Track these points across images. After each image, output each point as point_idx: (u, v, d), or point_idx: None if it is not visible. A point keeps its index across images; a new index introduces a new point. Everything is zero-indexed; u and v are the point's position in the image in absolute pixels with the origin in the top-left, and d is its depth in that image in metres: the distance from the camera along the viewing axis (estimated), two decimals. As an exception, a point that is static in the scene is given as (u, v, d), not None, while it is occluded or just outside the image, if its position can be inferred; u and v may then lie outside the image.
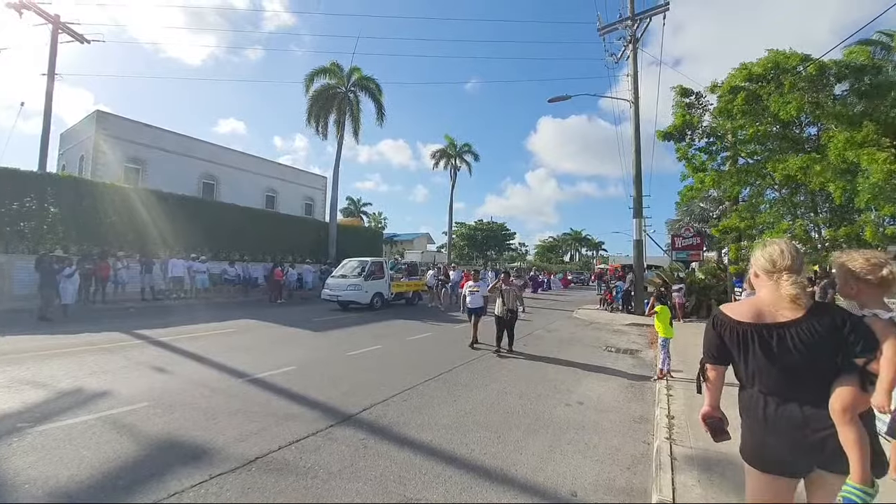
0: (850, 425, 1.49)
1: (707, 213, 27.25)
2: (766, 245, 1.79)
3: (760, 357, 1.64)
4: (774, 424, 1.64)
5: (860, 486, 1.46)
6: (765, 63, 11.25)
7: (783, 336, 1.60)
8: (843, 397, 1.52)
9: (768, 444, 1.67)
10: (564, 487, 3.12)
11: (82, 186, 14.62)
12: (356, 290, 13.81)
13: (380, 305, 14.48)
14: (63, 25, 16.05)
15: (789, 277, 1.63)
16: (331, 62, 22.27)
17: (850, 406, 1.50)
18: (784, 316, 1.63)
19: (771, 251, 1.73)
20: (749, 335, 1.67)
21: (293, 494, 2.84)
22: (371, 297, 14.10)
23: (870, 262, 1.64)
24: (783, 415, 1.62)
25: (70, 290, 10.56)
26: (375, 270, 14.70)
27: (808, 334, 1.56)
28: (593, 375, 6.52)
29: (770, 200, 13.12)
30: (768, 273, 1.72)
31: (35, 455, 3.23)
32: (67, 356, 6.32)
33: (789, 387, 1.62)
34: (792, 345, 1.58)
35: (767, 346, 1.62)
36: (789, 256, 1.67)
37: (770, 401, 1.65)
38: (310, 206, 32.72)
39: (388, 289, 15.04)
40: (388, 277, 15.12)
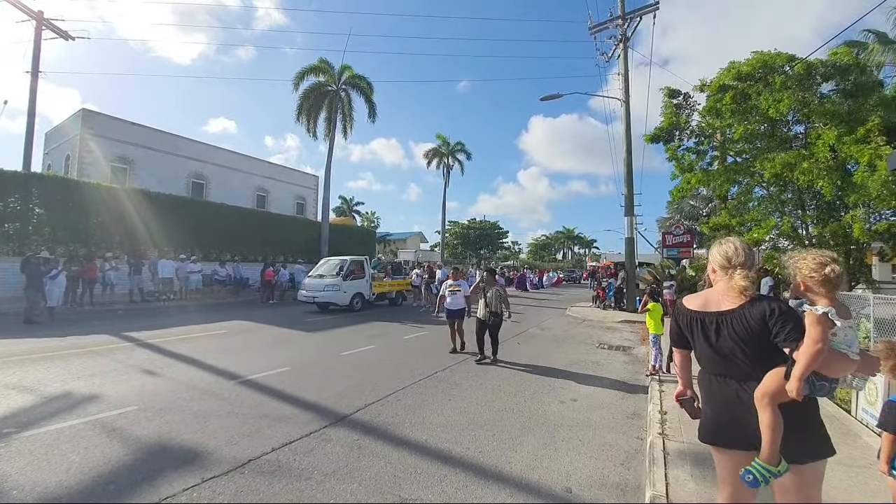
0: (765, 409, 1.65)
1: (697, 211, 27.58)
2: (721, 243, 1.95)
3: (702, 341, 1.87)
4: (716, 398, 1.86)
5: (763, 464, 1.62)
6: (753, 62, 11.40)
7: (720, 323, 1.81)
8: (765, 382, 1.68)
9: (713, 419, 1.88)
10: (559, 484, 3.13)
11: (68, 186, 14.34)
12: (334, 291, 13.11)
13: (360, 307, 13.80)
14: (47, 21, 15.73)
15: (741, 272, 1.80)
16: (319, 59, 22.06)
17: (768, 391, 1.66)
18: (724, 306, 1.82)
19: (726, 249, 1.90)
20: (695, 321, 1.91)
21: (287, 497, 2.82)
22: (350, 298, 13.41)
23: (815, 260, 1.73)
24: (723, 390, 1.83)
25: (56, 292, 10.37)
26: (355, 270, 14.02)
27: (741, 322, 1.74)
28: (587, 372, 6.56)
29: (758, 198, 13.31)
30: (724, 269, 1.89)
31: (23, 461, 3.16)
32: (54, 359, 6.21)
33: (727, 368, 1.82)
34: (727, 332, 1.78)
35: (706, 332, 1.85)
36: (742, 253, 1.85)
37: (714, 379, 1.87)
38: (301, 205, 32.50)
39: (370, 289, 14.35)
40: (370, 277, 14.44)
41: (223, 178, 26.36)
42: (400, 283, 16.54)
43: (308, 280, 14.05)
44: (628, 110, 15.60)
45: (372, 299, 14.54)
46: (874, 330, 4.92)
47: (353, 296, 13.54)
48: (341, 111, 22.59)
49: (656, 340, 6.31)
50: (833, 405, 4.62)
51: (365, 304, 14.09)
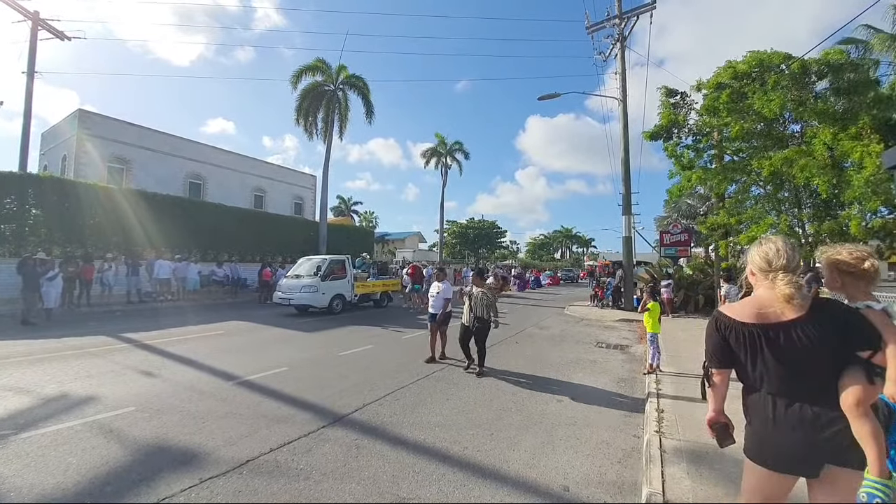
0: (863, 419, 1.48)
1: (694, 210, 27.62)
2: (761, 243, 1.78)
3: (769, 358, 1.62)
4: (785, 424, 1.62)
5: (881, 481, 1.45)
6: (749, 61, 11.45)
7: (790, 335, 1.59)
8: (854, 391, 1.51)
9: (779, 444, 1.64)
10: (556, 482, 3.14)
11: (65, 187, 14.28)
12: (311, 293, 12.30)
13: (340, 309, 13.02)
14: (42, 22, 15.66)
15: (784, 277, 1.63)
16: (316, 59, 22.00)
17: (861, 400, 1.50)
18: (788, 315, 1.61)
19: (766, 250, 1.72)
20: (756, 336, 1.65)
21: (285, 497, 2.82)
22: (330, 300, 12.63)
23: (853, 255, 1.69)
24: (793, 414, 1.60)
25: (53, 293, 10.34)
26: (335, 270, 13.22)
27: (815, 332, 1.56)
28: (585, 371, 6.58)
29: (755, 196, 13.36)
30: (764, 272, 1.72)
31: (19, 463, 3.16)
32: (51, 361, 6.19)
33: (798, 385, 1.61)
34: (800, 344, 1.57)
35: (776, 347, 1.61)
36: (785, 255, 1.67)
37: (779, 401, 1.64)
38: (299, 205, 32.42)
39: (351, 290, 13.61)
40: (351, 277, 13.69)
41: (220, 179, 26.29)
42: (386, 283, 15.78)
43: (285, 281, 13.28)
44: (626, 109, 15.62)
45: (354, 301, 13.82)
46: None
47: (333, 297, 12.80)
48: (338, 111, 22.56)
49: (654, 339, 6.32)
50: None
51: (346, 305, 13.36)
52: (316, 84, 22.17)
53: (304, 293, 12.32)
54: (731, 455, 2.93)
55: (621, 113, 15.66)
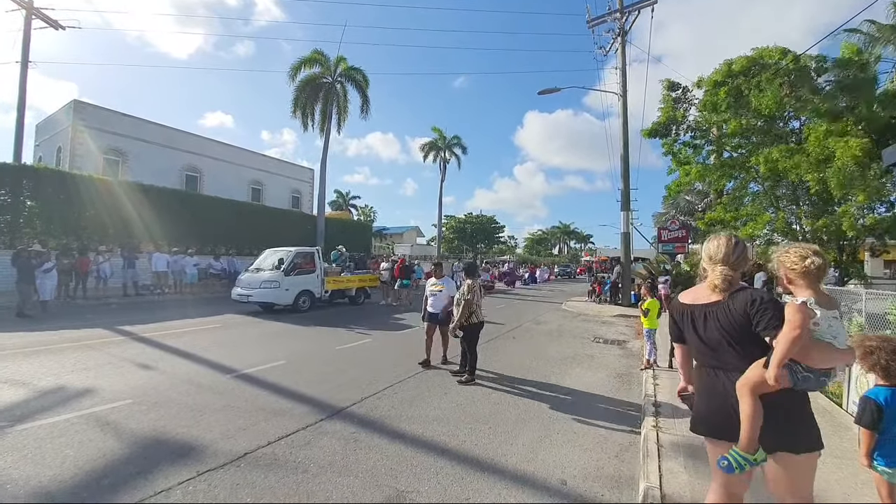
0: (744, 397, 1.70)
1: (692, 206, 27.66)
2: (710, 239, 2.02)
3: (692, 334, 1.96)
4: (708, 390, 1.90)
5: (741, 451, 1.68)
6: (746, 59, 11.42)
7: (707, 315, 1.88)
8: (747, 373, 1.73)
9: (704, 410, 1.93)
10: (554, 476, 3.16)
11: (60, 178, 14.15)
12: (272, 289, 11.02)
13: (308, 306, 11.77)
14: (36, 11, 15.45)
15: (719, 268, 1.88)
16: (313, 50, 21.74)
17: (749, 381, 1.70)
18: (711, 298, 1.90)
19: (710, 246, 1.98)
20: (686, 315, 1.99)
21: (283, 490, 2.83)
22: (295, 297, 11.41)
23: (797, 254, 1.78)
24: (714, 382, 1.87)
25: (48, 285, 10.28)
26: (301, 263, 11.93)
27: (725, 313, 1.82)
28: (582, 366, 6.60)
29: (753, 193, 13.38)
30: (707, 264, 1.98)
31: (16, 454, 3.14)
32: (47, 353, 6.16)
33: (718, 359, 1.87)
34: (713, 323, 1.85)
35: (696, 325, 1.93)
36: (722, 251, 1.91)
37: (706, 371, 1.93)
38: (297, 198, 32.28)
39: (321, 285, 12.33)
40: (321, 271, 12.40)
41: (217, 171, 26.10)
42: (362, 278, 14.45)
43: (244, 275, 11.87)
44: (625, 104, 15.57)
45: (325, 297, 12.67)
46: (867, 324, 4.98)
47: (299, 294, 11.55)
48: (336, 104, 22.39)
49: (650, 335, 6.35)
50: (825, 399, 4.67)
51: (314, 302, 12.12)
52: (313, 76, 21.96)
53: (264, 289, 11.05)
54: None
55: (621, 108, 15.62)
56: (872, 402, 2.23)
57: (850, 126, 9.32)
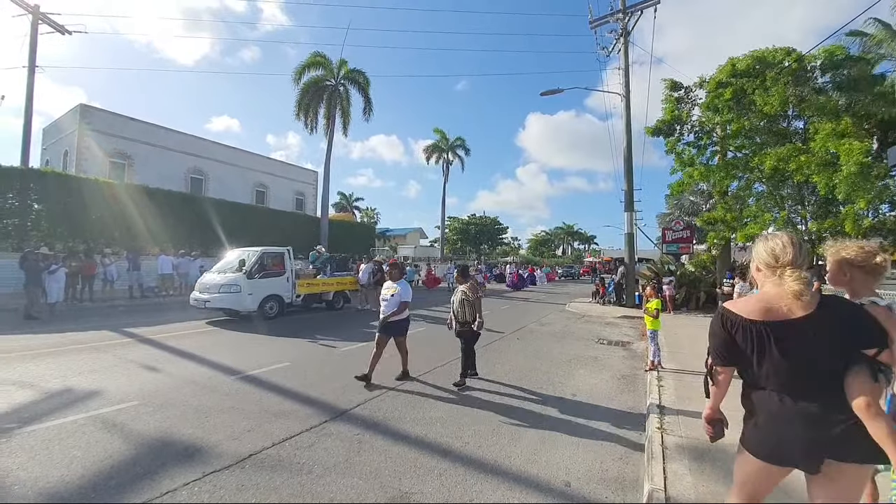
0: (878, 419, 1.45)
1: (697, 207, 27.56)
2: (768, 239, 1.75)
3: (777, 356, 1.59)
4: (790, 420, 1.60)
5: None
6: (750, 58, 11.39)
7: (799, 333, 1.57)
8: (865, 393, 1.49)
9: (783, 439, 1.62)
10: (558, 478, 3.15)
11: (66, 182, 14.31)
12: (233, 293, 9.86)
13: (276, 312, 10.63)
14: (43, 15, 15.62)
15: (792, 272, 1.60)
16: (314, 52, 21.84)
17: (872, 399, 1.48)
18: (796, 312, 1.58)
19: (773, 245, 1.70)
20: (764, 334, 1.62)
21: (288, 491, 2.84)
22: (260, 302, 10.25)
23: (864, 250, 1.68)
24: (800, 410, 1.58)
25: (56, 288, 10.38)
26: (269, 264, 10.87)
27: (824, 330, 1.54)
28: (586, 367, 6.59)
29: (757, 193, 13.31)
30: (770, 268, 1.69)
31: (24, 456, 3.18)
32: (55, 355, 6.22)
33: (805, 382, 1.59)
34: (809, 342, 1.55)
35: (784, 345, 1.58)
36: (791, 251, 1.65)
37: (786, 398, 1.62)
38: (301, 201, 32.44)
39: (292, 289, 11.20)
40: (292, 274, 11.26)
41: (222, 174, 26.29)
42: (340, 280, 13.23)
43: (204, 277, 10.69)
44: (629, 105, 15.52)
45: (296, 302, 11.55)
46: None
47: (265, 299, 10.41)
48: (340, 106, 22.50)
49: (654, 336, 6.32)
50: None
51: (283, 308, 10.94)
52: (317, 79, 22.09)
53: (222, 294, 9.82)
54: (733, 451, 2.92)
55: (624, 108, 15.57)
56: None
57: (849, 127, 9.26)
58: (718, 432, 1.91)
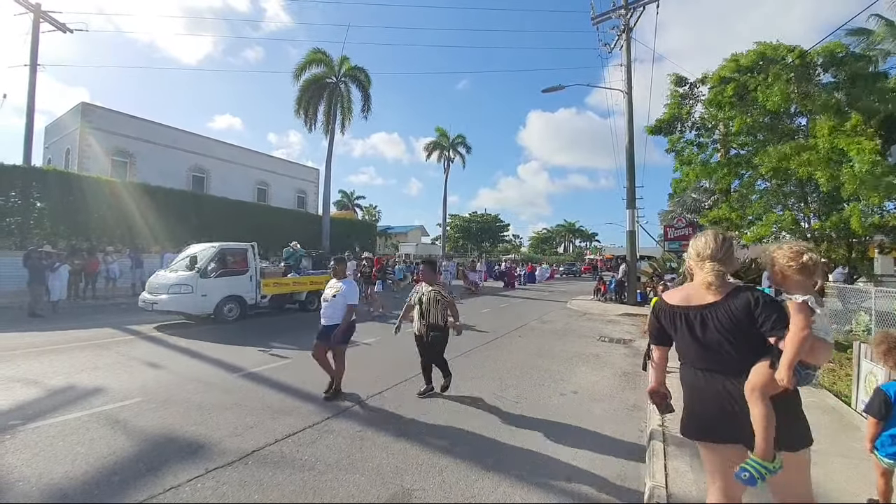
0: (756, 403, 1.63)
1: (699, 204, 27.39)
2: (697, 236, 1.97)
3: (687, 336, 1.85)
4: (703, 393, 1.83)
5: (759, 460, 1.60)
6: (753, 54, 11.31)
7: (706, 317, 1.79)
8: (753, 376, 1.67)
9: (697, 413, 1.86)
10: (560, 475, 3.16)
11: (69, 180, 14.36)
12: (184, 294, 8.81)
13: (236, 315, 9.59)
14: (44, 14, 15.62)
15: (709, 265, 1.81)
16: (314, 49, 21.75)
17: (757, 384, 1.65)
18: (708, 299, 1.81)
19: (698, 242, 1.92)
20: (678, 316, 1.89)
21: (290, 487, 2.85)
22: (217, 305, 9.23)
23: (792, 250, 1.76)
24: (710, 385, 1.81)
25: (59, 285, 10.43)
26: (229, 262, 9.84)
27: (726, 315, 1.74)
28: (587, 365, 6.59)
29: (760, 191, 13.24)
30: (695, 261, 1.91)
31: (28, 452, 3.20)
32: (58, 353, 6.25)
33: (715, 362, 1.80)
34: (713, 325, 1.77)
35: (691, 327, 1.83)
36: (710, 246, 1.86)
37: (700, 373, 1.85)
38: (302, 198, 32.43)
39: (255, 289, 10.16)
40: (256, 272, 10.24)
41: (224, 172, 26.29)
42: (314, 279, 11.92)
43: (154, 277, 9.59)
44: (631, 101, 15.48)
45: (260, 303, 10.39)
46: (875, 323, 4.93)
47: (223, 300, 9.37)
48: (340, 104, 22.46)
49: None
50: (833, 398, 4.63)
51: (245, 310, 9.91)
52: (317, 76, 22.04)
53: (172, 295, 8.76)
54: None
55: (626, 105, 15.52)
56: (884, 393, 2.42)
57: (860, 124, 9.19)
58: (661, 405, 2.15)
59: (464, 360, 6.56)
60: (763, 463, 1.60)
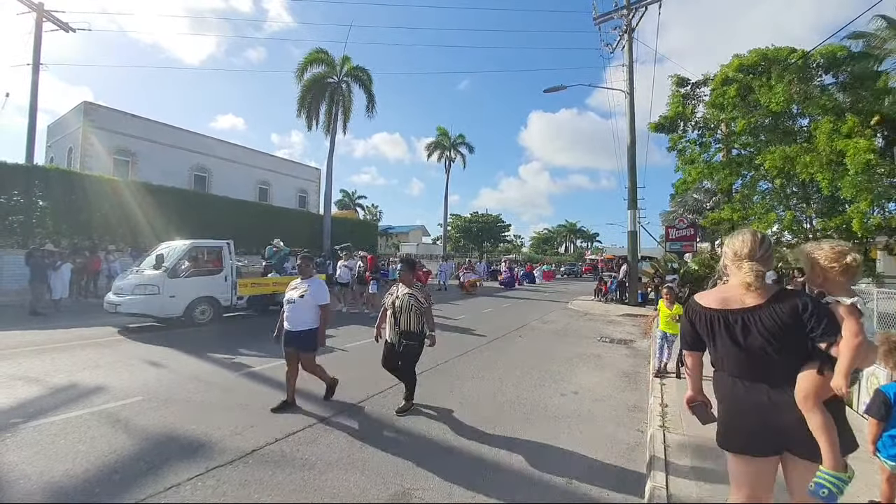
0: (813, 411, 1.53)
1: (701, 205, 27.38)
2: (733, 235, 1.87)
3: (727, 341, 1.72)
4: (743, 405, 1.70)
5: (832, 473, 1.47)
6: (754, 55, 11.31)
7: (747, 321, 1.67)
8: (804, 384, 1.57)
9: (738, 426, 1.73)
10: (560, 475, 3.15)
11: (71, 179, 14.36)
12: (149, 296, 8.20)
13: (209, 317, 8.96)
14: (47, 13, 15.67)
15: (747, 265, 1.71)
16: (316, 49, 21.75)
17: (811, 392, 1.55)
18: (748, 302, 1.69)
19: (735, 241, 1.81)
20: (716, 320, 1.76)
21: (291, 486, 2.85)
22: (188, 305, 8.62)
23: (834, 250, 1.69)
24: (751, 396, 1.68)
25: (60, 284, 10.45)
26: (202, 261, 9.35)
27: (771, 319, 1.62)
28: (588, 365, 6.58)
29: (762, 192, 13.22)
30: (732, 261, 1.80)
31: (30, 450, 3.21)
32: (60, 351, 6.27)
33: (755, 369, 1.68)
34: (756, 329, 1.64)
35: (732, 331, 1.70)
36: (748, 245, 1.75)
37: (739, 383, 1.72)
38: (303, 198, 32.44)
39: (231, 290, 9.46)
40: (232, 272, 9.51)
41: (225, 171, 26.31)
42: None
43: (120, 278, 9.15)
44: (632, 102, 15.44)
45: (238, 305, 9.73)
46: (877, 324, 4.91)
47: (194, 302, 8.73)
48: (342, 103, 22.46)
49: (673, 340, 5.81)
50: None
51: (220, 312, 9.23)
52: (319, 75, 22.03)
53: (136, 296, 8.17)
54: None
55: (628, 105, 15.48)
56: (883, 394, 2.44)
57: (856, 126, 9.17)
58: (703, 415, 1.99)
59: (464, 360, 6.56)
60: (837, 475, 1.47)
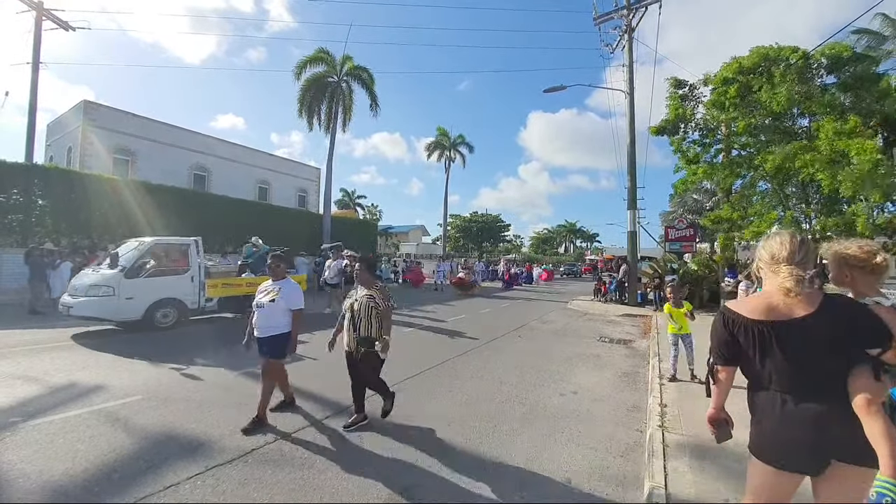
0: (875, 417, 1.44)
1: (700, 205, 27.42)
2: (769, 237, 1.76)
3: (779, 356, 1.57)
4: (793, 422, 1.57)
5: (893, 481, 1.36)
6: (755, 55, 11.32)
7: (800, 333, 1.54)
8: (863, 389, 1.48)
9: (787, 442, 1.59)
10: (559, 475, 3.16)
11: (70, 178, 14.34)
12: (104, 297, 7.58)
13: (172, 320, 8.31)
14: (46, 12, 15.64)
15: (786, 269, 1.59)
16: (318, 49, 21.77)
17: (870, 398, 1.47)
18: (797, 312, 1.56)
19: (771, 243, 1.70)
20: (766, 334, 1.59)
21: (290, 485, 2.86)
22: (148, 308, 7.99)
23: (863, 249, 1.66)
24: (803, 412, 1.55)
25: (60, 283, 10.42)
26: (165, 259, 8.66)
27: (825, 329, 1.52)
28: (587, 365, 6.59)
29: (762, 192, 13.24)
30: (769, 265, 1.69)
31: (29, 449, 3.21)
32: (59, 350, 6.26)
33: (807, 383, 1.56)
34: (810, 341, 1.53)
35: (786, 344, 1.56)
36: (787, 248, 1.63)
37: (788, 399, 1.59)
38: (303, 197, 32.43)
39: (199, 291, 8.78)
40: (200, 272, 8.81)
41: (225, 170, 26.30)
42: None
43: (77, 277, 8.53)
44: (632, 102, 15.45)
45: (206, 307, 9.03)
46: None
47: (156, 304, 8.10)
48: (342, 103, 22.45)
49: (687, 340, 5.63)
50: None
51: (185, 315, 8.58)
52: (319, 75, 22.02)
53: (89, 298, 7.58)
54: (733, 450, 2.93)
55: (628, 106, 15.49)
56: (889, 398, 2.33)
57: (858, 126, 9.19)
58: (723, 433, 1.88)
59: (463, 360, 6.57)
60: None
